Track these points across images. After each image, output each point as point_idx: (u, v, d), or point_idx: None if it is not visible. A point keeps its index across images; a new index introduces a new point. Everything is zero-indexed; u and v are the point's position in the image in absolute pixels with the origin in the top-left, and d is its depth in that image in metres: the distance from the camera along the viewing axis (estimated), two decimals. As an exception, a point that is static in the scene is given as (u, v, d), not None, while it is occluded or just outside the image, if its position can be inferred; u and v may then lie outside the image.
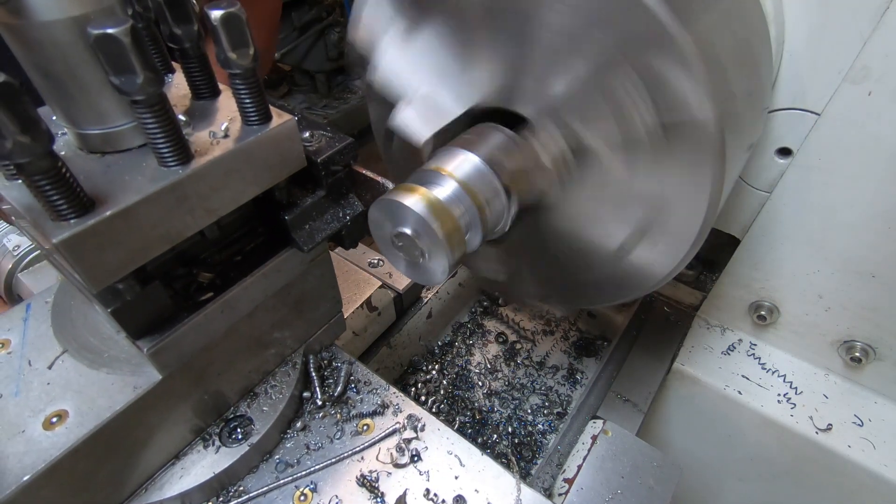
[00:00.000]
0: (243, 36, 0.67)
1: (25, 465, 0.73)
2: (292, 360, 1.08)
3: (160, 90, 0.63)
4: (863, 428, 1.31)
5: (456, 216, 0.79)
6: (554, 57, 0.80)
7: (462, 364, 1.56)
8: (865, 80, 0.97)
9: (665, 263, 0.91)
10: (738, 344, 1.49)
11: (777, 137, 1.12)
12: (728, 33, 0.76)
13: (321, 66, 3.59)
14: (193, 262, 0.89)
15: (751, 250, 1.31)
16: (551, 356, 1.58)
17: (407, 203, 0.75)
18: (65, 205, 0.61)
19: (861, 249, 1.15)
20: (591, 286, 1.05)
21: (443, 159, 0.85)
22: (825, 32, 0.97)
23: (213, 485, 0.93)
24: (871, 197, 1.07)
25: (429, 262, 0.80)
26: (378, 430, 1.03)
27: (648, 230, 0.89)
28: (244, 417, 0.99)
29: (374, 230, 0.84)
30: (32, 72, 0.65)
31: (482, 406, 1.45)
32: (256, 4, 2.06)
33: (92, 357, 0.86)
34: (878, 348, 1.27)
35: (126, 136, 0.71)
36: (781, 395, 1.38)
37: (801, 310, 1.34)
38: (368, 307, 1.38)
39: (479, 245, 0.86)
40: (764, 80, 0.93)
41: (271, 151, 0.78)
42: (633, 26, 0.70)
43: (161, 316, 0.81)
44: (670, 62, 0.70)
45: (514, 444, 1.36)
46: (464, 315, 1.70)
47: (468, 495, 0.94)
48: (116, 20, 0.56)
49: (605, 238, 0.94)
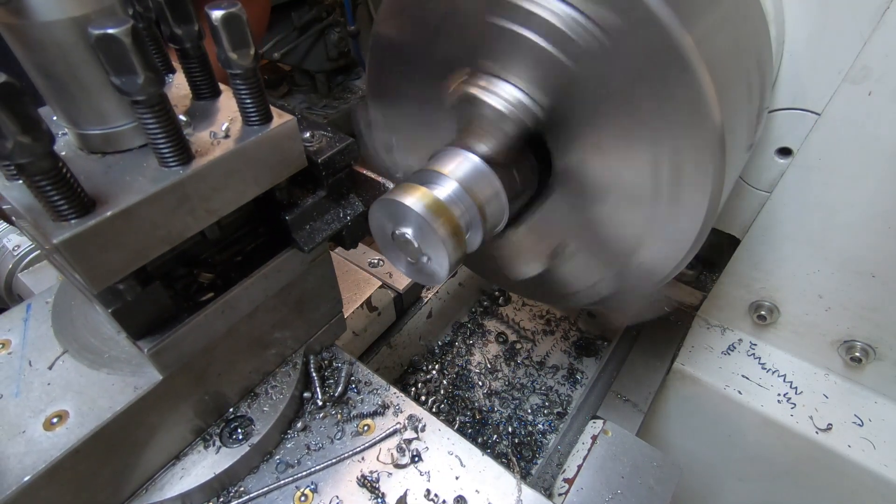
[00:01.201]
0: (244, 36, 0.67)
1: (26, 465, 0.73)
2: (293, 361, 1.08)
3: (161, 90, 0.63)
4: (863, 428, 1.31)
5: (456, 216, 0.79)
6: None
7: (462, 364, 1.56)
8: (865, 80, 0.97)
9: (666, 262, 0.91)
10: (739, 344, 1.49)
11: (777, 137, 1.12)
12: (729, 33, 0.76)
13: (321, 66, 3.59)
14: (194, 262, 0.89)
15: (751, 250, 1.32)
16: (551, 356, 1.58)
17: (408, 203, 0.75)
18: (65, 205, 0.60)
19: (861, 249, 1.15)
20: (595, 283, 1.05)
21: (442, 160, 0.86)
22: (825, 32, 0.97)
23: (213, 485, 0.93)
24: (871, 197, 1.08)
25: (430, 262, 0.81)
26: (378, 431, 1.03)
27: (649, 229, 0.89)
28: (245, 418, 0.99)
29: (375, 230, 0.84)
30: (33, 72, 0.65)
31: (482, 406, 1.45)
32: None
33: (92, 357, 0.86)
34: (877, 348, 1.27)
35: (127, 137, 0.71)
36: (781, 394, 1.38)
37: (802, 309, 1.34)
38: (368, 307, 1.38)
39: (479, 244, 0.86)
40: (764, 80, 0.92)
41: (272, 152, 0.78)
42: (629, 18, 0.70)
43: (162, 316, 0.81)
44: (671, 58, 0.70)
45: (514, 444, 1.36)
46: (464, 315, 1.70)
47: (469, 496, 0.94)
48: (117, 20, 0.56)
49: (607, 237, 0.94)
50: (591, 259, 1.00)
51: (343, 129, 0.88)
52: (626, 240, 0.92)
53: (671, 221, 0.85)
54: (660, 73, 0.72)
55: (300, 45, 3.41)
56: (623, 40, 0.72)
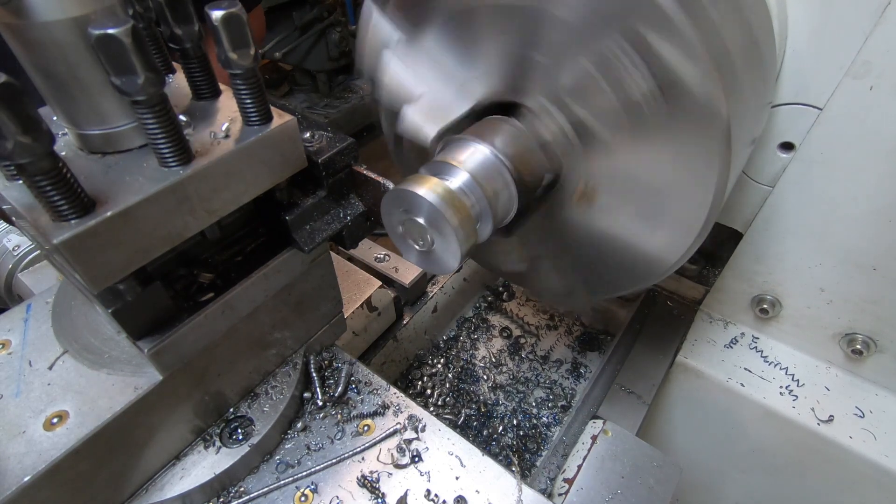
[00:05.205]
0: (244, 36, 0.67)
1: (26, 465, 0.73)
2: (293, 361, 1.08)
3: (161, 90, 0.63)
4: (864, 419, 1.31)
5: (468, 205, 0.79)
6: (560, 49, 0.80)
7: (467, 358, 1.57)
8: (867, 75, 0.97)
9: (671, 253, 0.92)
10: (741, 337, 1.49)
11: (780, 132, 1.12)
12: (735, 28, 0.76)
13: (322, 65, 3.59)
14: (194, 262, 0.89)
15: (753, 244, 1.32)
16: (555, 350, 1.59)
17: (420, 192, 0.75)
18: (65, 205, 0.60)
19: (862, 242, 1.15)
20: (598, 276, 1.05)
21: (454, 151, 0.86)
22: (827, 28, 0.97)
23: (213, 485, 0.93)
24: (872, 191, 1.08)
25: (441, 251, 0.81)
26: (379, 431, 1.03)
27: (656, 219, 0.89)
28: (245, 418, 0.99)
29: (387, 220, 0.85)
30: (33, 72, 0.65)
31: (487, 399, 1.46)
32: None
33: (92, 358, 0.86)
34: (878, 341, 1.28)
35: (127, 137, 0.71)
36: (783, 387, 1.38)
37: (803, 303, 1.34)
38: (368, 307, 1.38)
39: (489, 234, 0.87)
40: (767, 75, 0.92)
41: (272, 152, 0.78)
42: (639, 14, 0.70)
43: (162, 316, 0.81)
44: (679, 51, 0.70)
45: (518, 437, 1.37)
46: (468, 310, 1.71)
47: (469, 496, 0.94)
48: (117, 20, 0.56)
49: (614, 227, 0.95)
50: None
51: (344, 128, 0.88)
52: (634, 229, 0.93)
53: (677, 211, 0.85)
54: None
55: (301, 45, 3.41)
56: (628, 24, 0.72)
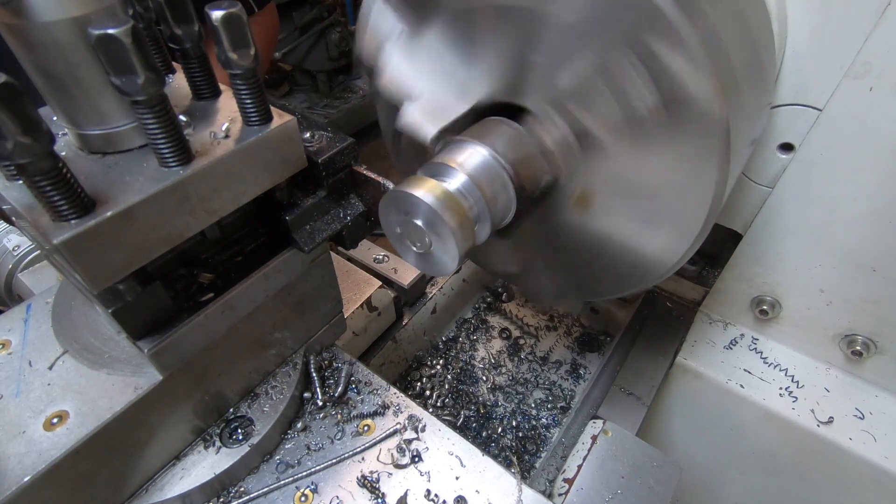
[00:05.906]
0: (244, 36, 0.67)
1: (26, 465, 0.73)
2: (293, 361, 1.08)
3: (161, 91, 0.63)
4: (864, 421, 1.31)
5: (466, 207, 0.79)
6: (560, 50, 0.80)
7: (466, 359, 1.56)
8: (867, 76, 0.97)
9: (670, 255, 0.92)
10: (741, 338, 1.49)
11: (779, 133, 1.12)
12: (734, 29, 0.76)
13: (322, 65, 3.59)
14: (194, 262, 0.89)
15: (753, 245, 1.32)
16: (554, 351, 1.59)
17: (418, 194, 0.76)
18: (65, 205, 0.60)
19: (862, 243, 1.15)
20: (597, 278, 1.05)
21: (452, 152, 0.86)
22: (827, 28, 0.97)
23: (213, 485, 0.93)
24: (872, 191, 1.08)
25: (439, 253, 0.81)
26: (379, 431, 1.03)
27: (655, 221, 0.89)
28: (245, 418, 0.99)
29: (385, 222, 0.85)
30: (33, 72, 0.65)
31: (486, 400, 1.46)
32: (257, 20, 2.13)
33: (92, 358, 0.86)
34: (878, 342, 1.28)
35: (127, 137, 0.71)
36: (783, 388, 1.38)
37: (803, 304, 1.34)
38: (368, 307, 1.38)
39: (486, 236, 0.87)
40: (767, 76, 0.92)
41: (272, 152, 0.78)
42: (639, 17, 0.70)
43: (162, 316, 0.81)
44: (677, 53, 0.70)
45: (518, 438, 1.36)
46: (468, 311, 1.71)
47: (469, 496, 0.94)
48: (117, 20, 0.56)
49: (613, 229, 0.95)
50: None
51: (344, 128, 0.88)
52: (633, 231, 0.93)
53: (677, 212, 0.85)
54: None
55: (301, 45, 3.41)
56: (626, 24, 0.72)
